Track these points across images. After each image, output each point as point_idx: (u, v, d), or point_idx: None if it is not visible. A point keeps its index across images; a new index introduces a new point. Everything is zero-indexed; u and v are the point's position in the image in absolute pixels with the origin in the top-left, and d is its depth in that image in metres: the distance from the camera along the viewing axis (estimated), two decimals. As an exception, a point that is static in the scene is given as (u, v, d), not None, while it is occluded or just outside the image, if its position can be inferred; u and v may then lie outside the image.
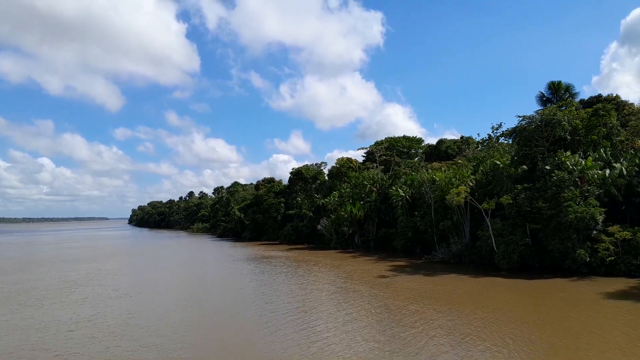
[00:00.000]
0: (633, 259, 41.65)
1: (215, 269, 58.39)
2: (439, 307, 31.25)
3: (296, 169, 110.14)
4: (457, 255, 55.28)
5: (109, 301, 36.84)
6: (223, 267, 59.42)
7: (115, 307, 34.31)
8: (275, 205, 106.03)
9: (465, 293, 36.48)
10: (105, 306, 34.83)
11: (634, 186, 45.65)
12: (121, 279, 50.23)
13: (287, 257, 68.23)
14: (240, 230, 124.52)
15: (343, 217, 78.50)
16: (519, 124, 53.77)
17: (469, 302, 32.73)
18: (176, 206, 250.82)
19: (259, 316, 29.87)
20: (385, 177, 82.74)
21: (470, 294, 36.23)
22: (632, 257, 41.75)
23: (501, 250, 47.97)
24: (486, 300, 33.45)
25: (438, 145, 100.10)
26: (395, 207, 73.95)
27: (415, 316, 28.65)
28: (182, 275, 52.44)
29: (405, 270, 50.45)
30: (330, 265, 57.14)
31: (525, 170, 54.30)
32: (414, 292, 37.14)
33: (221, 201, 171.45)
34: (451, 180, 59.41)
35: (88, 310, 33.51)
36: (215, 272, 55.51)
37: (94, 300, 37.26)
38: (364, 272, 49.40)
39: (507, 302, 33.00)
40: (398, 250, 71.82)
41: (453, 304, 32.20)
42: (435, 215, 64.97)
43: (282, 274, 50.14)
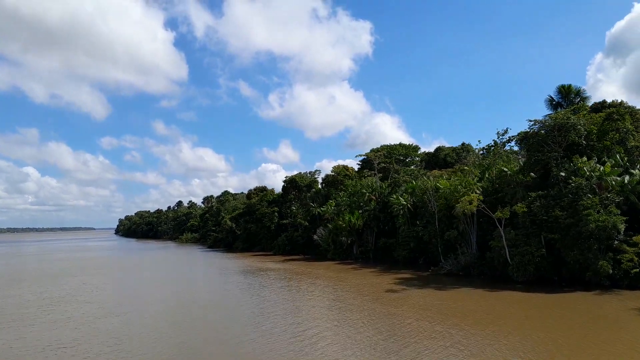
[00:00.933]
0: (659, 270, 38.87)
1: (207, 284, 54.32)
2: (469, 327, 27.90)
3: (290, 177, 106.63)
4: (465, 267, 52.15)
5: (95, 322, 32.89)
6: (216, 281, 55.44)
7: (102, 330, 30.40)
8: (269, 214, 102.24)
9: (488, 310, 33.21)
10: (90, 328, 30.90)
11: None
12: (108, 295, 46.16)
13: (285, 270, 64.48)
14: (231, 240, 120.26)
15: (341, 227, 75.12)
16: (530, 128, 51.15)
17: (498, 322, 29.46)
18: (164, 216, 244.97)
19: (266, 344, 26.24)
20: (384, 185, 79.67)
21: (494, 311, 32.97)
22: (658, 268, 38.99)
23: (516, 261, 44.95)
24: (514, 320, 30.21)
25: (436, 153, 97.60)
26: (395, 216, 70.80)
27: (449, 340, 25.27)
28: (173, 291, 48.41)
29: (413, 284, 47.12)
30: (334, 278, 53.56)
31: (537, 177, 51.58)
32: (433, 310, 33.77)
33: (211, 210, 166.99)
34: (457, 188, 56.51)
35: (70, 333, 29.56)
36: (208, 287, 51.47)
37: (78, 321, 33.29)
38: (371, 287, 45.95)
39: (538, 320, 29.77)
40: (399, 261, 68.57)
41: (482, 324, 28.89)
42: (439, 225, 61.96)
43: (284, 290, 46.44)
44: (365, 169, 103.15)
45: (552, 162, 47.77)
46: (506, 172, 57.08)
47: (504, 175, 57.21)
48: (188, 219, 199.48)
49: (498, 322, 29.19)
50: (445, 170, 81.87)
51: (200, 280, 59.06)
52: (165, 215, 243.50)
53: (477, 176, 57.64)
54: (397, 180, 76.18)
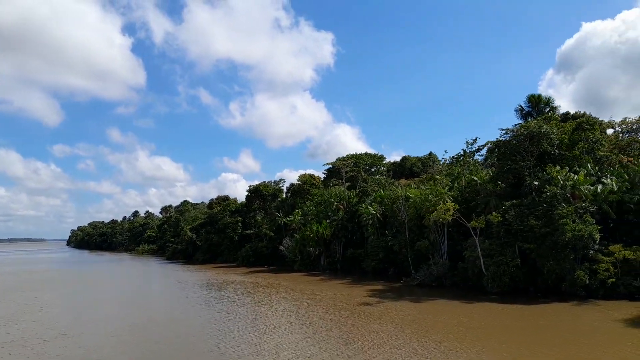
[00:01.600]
0: (633, 280, 38.55)
1: (167, 300, 50.07)
2: (459, 345, 26.00)
3: (254, 186, 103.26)
4: (438, 277, 50.76)
5: (44, 345, 28.87)
6: (176, 296, 51.42)
7: (52, 354, 26.58)
8: (232, 224, 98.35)
9: (471, 324, 31.51)
10: (36, 353, 26.99)
11: (625, 203, 43.14)
12: (58, 314, 41.55)
13: (251, 283, 61.17)
14: (192, 251, 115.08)
15: (309, 237, 72.63)
16: (502, 137, 50.72)
17: (484, 337, 27.77)
18: (119, 226, 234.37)
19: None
20: (352, 194, 77.92)
21: (476, 325, 31.27)
22: (632, 278, 38.67)
23: (491, 272, 43.84)
24: (500, 334, 28.61)
25: (402, 163, 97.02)
26: (364, 225, 69.03)
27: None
28: (130, 308, 44.35)
29: (387, 296, 45.15)
30: (304, 291, 50.83)
31: (508, 186, 51.09)
32: (415, 324, 31.77)
33: (170, 221, 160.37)
34: (428, 197, 55.30)
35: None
36: (168, 303, 47.38)
37: (23, 344, 29.19)
38: (345, 300, 43.61)
39: (523, 335, 28.28)
40: (368, 272, 66.71)
41: (469, 340, 27.09)
42: (409, 235, 60.56)
43: (252, 305, 43.34)
44: (332, 178, 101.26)
45: (524, 171, 47.30)
46: (476, 181, 56.54)
47: (474, 184, 56.64)
48: (145, 230, 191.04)
49: (485, 338, 27.47)
50: (412, 179, 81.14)
51: (159, 295, 54.86)
52: (121, 226, 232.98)
53: (448, 185, 56.67)
54: (366, 189, 74.62)
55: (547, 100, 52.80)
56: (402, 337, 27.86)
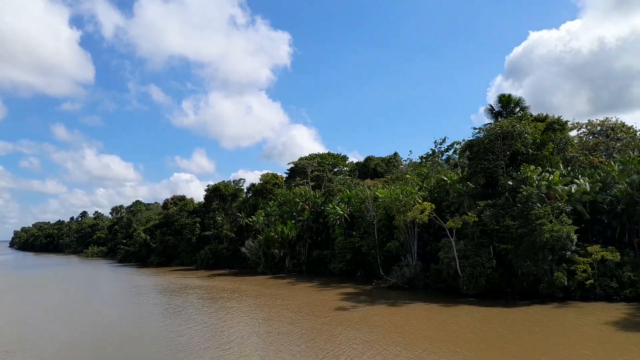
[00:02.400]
0: (610, 281, 38.01)
1: (121, 308, 45.06)
2: (458, 354, 23.75)
3: (213, 186, 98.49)
4: (410, 279, 48.89)
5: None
6: (130, 303, 46.70)
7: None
8: (190, 225, 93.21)
9: (460, 330, 29.48)
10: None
11: (598, 203, 42.77)
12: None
13: (213, 287, 57.05)
14: (145, 254, 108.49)
15: (273, 238, 69.21)
16: (475, 136, 49.58)
17: (479, 344, 25.72)
18: (67, 227, 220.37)
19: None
20: (318, 194, 75.22)
21: (466, 330, 29.29)
22: (609, 279, 38.11)
23: (467, 273, 42.30)
24: (493, 341, 26.65)
25: (366, 163, 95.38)
26: (331, 226, 66.51)
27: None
28: (80, 318, 39.51)
29: (361, 300, 42.70)
30: (273, 296, 47.47)
31: (479, 186, 50.01)
32: (403, 332, 29.32)
33: (121, 222, 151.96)
34: (398, 197, 53.44)
35: None
36: (122, 312, 42.58)
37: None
38: (318, 305, 40.73)
39: (516, 341, 26.46)
40: (335, 274, 64.21)
41: (465, 347, 24.93)
42: (378, 236, 58.56)
43: (218, 312, 39.66)
44: (295, 177, 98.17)
45: (498, 170, 46.20)
46: (445, 181, 55.28)
47: (443, 184, 55.35)
48: (94, 231, 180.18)
49: (479, 346, 25.44)
50: (378, 179, 79.53)
51: (112, 303, 49.81)
52: (68, 227, 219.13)
53: (419, 185, 55.07)
54: (331, 189, 72.14)
55: (517, 100, 52.11)
56: (393, 347, 25.34)
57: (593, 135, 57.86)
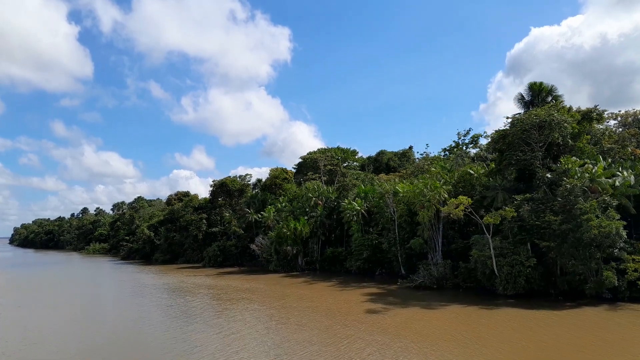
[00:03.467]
0: (664, 281, 34.73)
1: (123, 311, 41.18)
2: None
3: (220, 181, 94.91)
4: (439, 279, 45.52)
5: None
6: (134, 306, 43.16)
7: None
8: (196, 221, 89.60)
9: (523, 336, 26.10)
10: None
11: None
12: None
13: (227, 287, 53.42)
14: (149, 251, 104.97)
15: (285, 235, 65.76)
16: (507, 126, 46.11)
17: (550, 355, 22.35)
18: (67, 224, 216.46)
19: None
20: (331, 189, 71.73)
21: (536, 338, 25.86)
22: (663, 279, 34.83)
23: (504, 273, 38.92)
24: (564, 351, 23.29)
25: (378, 157, 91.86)
26: (346, 222, 63.10)
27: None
28: (81, 323, 36.02)
29: (390, 301, 39.28)
30: (295, 297, 43.71)
31: (513, 179, 46.64)
32: (458, 341, 25.80)
33: (123, 218, 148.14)
34: (422, 192, 50.09)
35: None
36: (125, 316, 38.90)
37: None
38: (346, 307, 37.27)
39: (592, 347, 23.13)
40: (352, 272, 60.91)
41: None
42: (399, 232, 55.19)
43: (242, 316, 36.16)
44: (303, 172, 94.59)
45: (535, 162, 42.78)
46: (471, 175, 51.92)
47: (469, 178, 51.99)
48: (95, 228, 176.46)
49: (552, 356, 22.09)
50: (393, 174, 76.10)
51: (120, 306, 46.16)
52: (69, 224, 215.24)
53: (444, 179, 51.64)
54: (346, 184, 68.64)
55: (549, 88, 48.67)
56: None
57: (624, 126, 54.44)
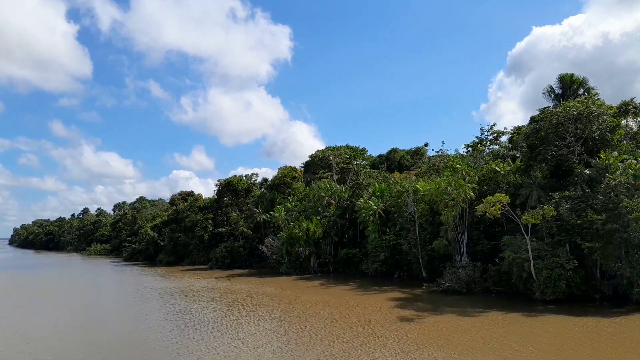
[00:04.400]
0: None
1: (141, 322, 38.01)
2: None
3: (226, 180, 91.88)
4: (468, 282, 42.50)
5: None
6: (150, 313, 40.07)
7: None
8: (202, 222, 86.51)
9: (595, 351, 23.11)
10: None
11: (693, 194, 36.48)
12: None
13: (241, 291, 50.29)
14: (153, 252, 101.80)
15: (297, 236, 62.68)
16: (539, 119, 43.21)
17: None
18: (68, 225, 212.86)
19: None
20: (344, 188, 68.72)
21: (601, 347, 22.92)
22: None
23: (543, 276, 35.94)
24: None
25: (389, 155, 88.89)
26: (361, 222, 60.06)
27: None
28: (87, 335, 32.99)
29: (420, 307, 36.26)
30: (317, 302, 40.23)
31: (544, 176, 43.68)
32: (525, 352, 22.89)
33: (124, 218, 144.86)
34: (446, 190, 47.15)
35: None
36: (130, 326, 36.04)
37: None
38: (375, 314, 34.16)
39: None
40: (368, 275, 57.84)
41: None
42: (420, 233, 52.20)
43: (271, 327, 33.05)
44: (310, 172, 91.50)
45: (571, 157, 39.83)
46: (497, 172, 48.95)
47: (494, 175, 49.01)
48: (96, 228, 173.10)
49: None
50: (408, 172, 73.13)
51: (122, 311, 43.07)
52: (69, 224, 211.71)
53: (470, 176, 48.67)
54: (360, 183, 65.60)
55: (580, 80, 45.84)
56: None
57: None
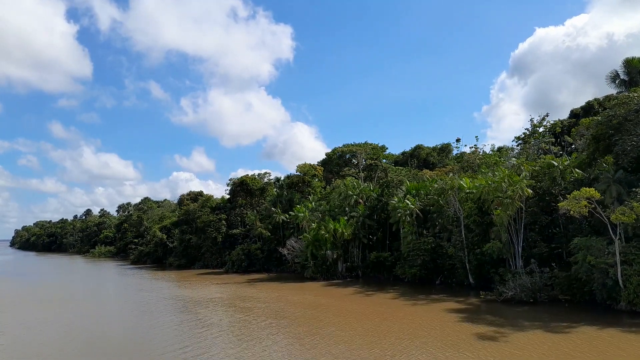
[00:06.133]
0: None
1: (172, 340, 33.12)
2: None
3: (239, 179, 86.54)
4: (534, 291, 36.98)
5: None
6: (196, 335, 34.63)
7: None
8: (215, 222, 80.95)
9: None
10: None
11: None
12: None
13: (284, 301, 44.61)
14: (162, 254, 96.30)
15: (324, 237, 57.19)
16: (610, 107, 37.84)
17: None
18: (70, 226, 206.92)
19: None
20: (372, 186, 63.25)
21: None
22: None
23: (633, 284, 30.48)
24: None
25: (414, 152, 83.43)
26: (395, 223, 54.47)
27: None
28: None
29: (490, 321, 30.75)
30: (375, 315, 35.03)
31: (619, 170, 38.25)
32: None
33: (130, 220, 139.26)
34: (500, 187, 41.80)
35: None
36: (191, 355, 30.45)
37: None
38: (445, 329, 28.71)
39: None
40: (405, 280, 52.29)
41: None
42: (467, 234, 46.77)
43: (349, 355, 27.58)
44: (324, 171, 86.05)
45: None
46: (555, 166, 43.59)
47: (551, 170, 43.63)
48: (100, 230, 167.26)
49: None
50: (439, 169, 67.69)
51: (153, 329, 37.56)
52: (72, 226, 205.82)
53: (528, 171, 43.27)
54: (390, 181, 60.09)
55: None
56: None
57: None
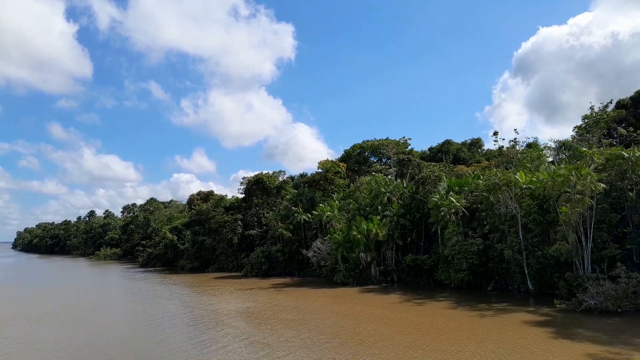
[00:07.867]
0: None
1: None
2: None
3: (255, 177, 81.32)
4: (618, 299, 31.74)
5: None
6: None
7: None
8: (230, 223, 75.59)
9: None
10: None
11: None
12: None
13: (320, 311, 39.32)
14: (172, 257, 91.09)
15: (355, 238, 51.94)
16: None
17: None
18: (74, 228, 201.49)
19: None
20: (406, 183, 57.97)
21: None
22: None
23: None
24: None
25: (442, 147, 78.16)
26: (438, 222, 49.18)
27: None
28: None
29: (594, 338, 25.36)
30: (442, 331, 29.84)
31: None
32: None
33: (136, 221, 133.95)
34: (568, 181, 36.60)
35: None
36: None
37: None
38: (546, 351, 23.36)
39: None
40: (449, 286, 47.01)
41: None
42: (525, 235, 41.50)
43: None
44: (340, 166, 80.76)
45: None
46: (624, 158, 38.35)
47: (621, 162, 38.40)
48: (105, 232, 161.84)
49: None
50: (475, 165, 62.46)
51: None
52: (75, 227, 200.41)
53: (601, 163, 38.07)
54: (427, 177, 54.78)
55: None
56: None
57: None
